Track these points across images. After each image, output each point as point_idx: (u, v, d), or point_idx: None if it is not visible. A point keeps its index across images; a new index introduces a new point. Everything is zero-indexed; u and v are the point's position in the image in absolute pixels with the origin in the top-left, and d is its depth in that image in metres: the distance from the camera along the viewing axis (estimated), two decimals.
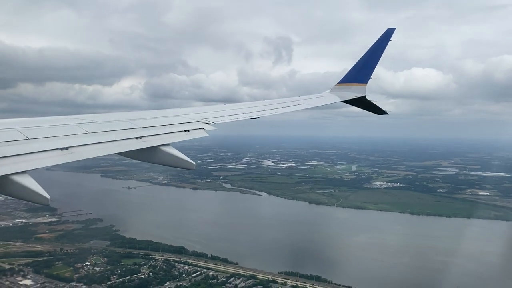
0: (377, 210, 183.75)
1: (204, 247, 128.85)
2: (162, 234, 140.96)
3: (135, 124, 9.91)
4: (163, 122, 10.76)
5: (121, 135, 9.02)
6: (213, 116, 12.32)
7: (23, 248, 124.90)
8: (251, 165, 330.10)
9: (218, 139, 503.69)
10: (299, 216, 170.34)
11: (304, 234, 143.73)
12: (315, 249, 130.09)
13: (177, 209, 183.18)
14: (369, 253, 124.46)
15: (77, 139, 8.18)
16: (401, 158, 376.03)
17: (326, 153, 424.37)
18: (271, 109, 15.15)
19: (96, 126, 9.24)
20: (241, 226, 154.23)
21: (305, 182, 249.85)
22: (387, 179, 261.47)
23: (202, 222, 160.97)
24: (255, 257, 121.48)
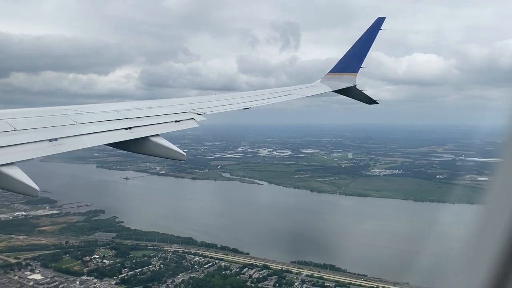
0: (380, 197, 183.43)
1: (212, 238, 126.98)
2: (167, 225, 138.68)
3: (124, 115, 9.77)
4: (153, 112, 10.70)
5: (111, 126, 8.93)
6: (204, 106, 12.33)
7: (27, 242, 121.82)
8: (248, 154, 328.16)
9: (211, 129, 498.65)
10: (304, 205, 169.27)
11: (311, 223, 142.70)
12: (325, 237, 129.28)
13: (179, 200, 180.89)
14: (380, 241, 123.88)
15: (66, 130, 8.05)
16: (395, 145, 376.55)
17: (321, 141, 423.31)
18: (262, 99, 15.12)
19: (85, 117, 9.12)
20: (247, 216, 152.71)
21: (303, 171, 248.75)
22: (385, 166, 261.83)
23: (206, 212, 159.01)
24: (264, 247, 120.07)
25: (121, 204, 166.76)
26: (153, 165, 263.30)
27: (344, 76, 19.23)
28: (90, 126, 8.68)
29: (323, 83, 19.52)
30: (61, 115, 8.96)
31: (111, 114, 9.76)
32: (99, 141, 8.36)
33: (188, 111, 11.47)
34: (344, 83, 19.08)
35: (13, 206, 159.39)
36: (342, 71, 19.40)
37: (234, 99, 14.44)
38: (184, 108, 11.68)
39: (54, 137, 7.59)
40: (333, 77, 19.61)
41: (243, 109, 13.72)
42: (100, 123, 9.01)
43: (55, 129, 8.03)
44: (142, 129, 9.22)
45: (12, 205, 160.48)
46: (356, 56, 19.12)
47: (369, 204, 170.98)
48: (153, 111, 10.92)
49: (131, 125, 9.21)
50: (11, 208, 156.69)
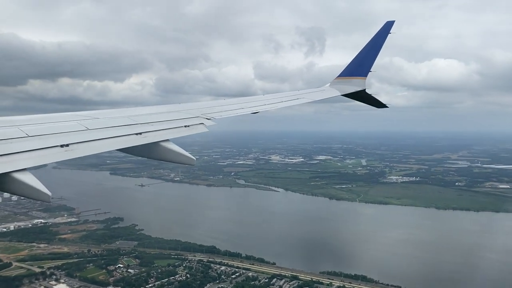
0: (401, 205, 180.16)
1: (235, 246, 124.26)
2: (188, 233, 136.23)
3: (135, 120, 9.83)
4: (163, 118, 10.72)
5: (121, 131, 8.99)
6: (213, 111, 12.25)
7: (48, 250, 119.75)
8: (260, 161, 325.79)
9: (220, 135, 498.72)
10: (325, 212, 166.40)
11: (336, 231, 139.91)
12: (351, 246, 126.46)
13: (196, 207, 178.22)
14: (408, 250, 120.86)
15: (77, 135, 8.12)
16: (408, 151, 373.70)
17: (332, 147, 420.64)
18: (271, 103, 15.06)
19: (96, 123, 9.22)
20: (268, 223, 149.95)
21: (319, 178, 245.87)
22: (401, 173, 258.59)
23: (226, 220, 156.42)
24: (291, 256, 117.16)
25: (139, 211, 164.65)
26: (167, 172, 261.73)
27: (353, 80, 19.12)
28: (101, 132, 8.69)
29: (332, 87, 19.39)
30: (72, 121, 9.04)
31: (121, 120, 9.81)
32: (110, 147, 8.25)
33: (198, 116, 11.43)
34: (353, 87, 18.95)
35: (31, 214, 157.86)
36: (351, 75, 19.29)
37: (243, 104, 14.39)
38: (193, 113, 11.66)
39: (66, 143, 7.59)
40: (342, 81, 19.48)
41: (252, 113, 13.64)
42: (111, 128, 9.04)
43: (67, 135, 8.05)
44: (152, 134, 9.22)
45: (30, 213, 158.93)
46: (365, 60, 18.99)
47: (392, 212, 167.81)
48: (163, 116, 10.97)
49: (141, 130, 9.23)
50: (29, 216, 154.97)
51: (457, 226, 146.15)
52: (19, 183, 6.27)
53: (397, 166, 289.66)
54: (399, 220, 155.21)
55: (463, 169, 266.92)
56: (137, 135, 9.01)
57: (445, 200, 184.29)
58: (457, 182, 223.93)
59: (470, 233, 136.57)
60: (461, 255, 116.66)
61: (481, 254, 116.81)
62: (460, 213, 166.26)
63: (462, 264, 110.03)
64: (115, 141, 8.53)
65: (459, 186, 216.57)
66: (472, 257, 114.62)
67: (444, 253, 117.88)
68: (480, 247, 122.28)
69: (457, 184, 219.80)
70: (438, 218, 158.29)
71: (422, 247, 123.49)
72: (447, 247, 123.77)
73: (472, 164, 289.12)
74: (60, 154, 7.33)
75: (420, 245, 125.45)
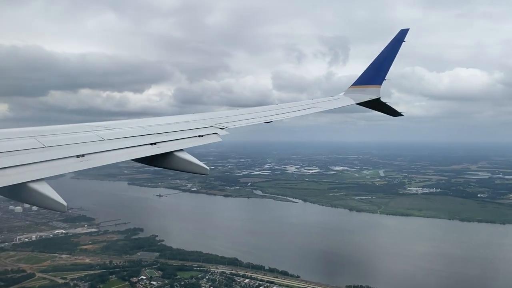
0: (423, 216, 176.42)
1: (257, 258, 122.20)
2: (208, 244, 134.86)
3: (149, 131, 9.97)
4: (178, 128, 10.80)
5: (136, 142, 9.07)
6: (227, 121, 12.24)
7: (70, 261, 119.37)
8: (275, 171, 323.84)
9: (234, 146, 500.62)
10: (346, 224, 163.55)
11: (359, 244, 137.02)
12: (377, 259, 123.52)
13: (215, 218, 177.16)
14: (436, 264, 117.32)
15: (92, 146, 8.22)
16: (425, 162, 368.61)
17: (348, 158, 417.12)
18: (284, 112, 14.99)
19: (111, 133, 9.32)
20: (289, 235, 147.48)
21: (337, 189, 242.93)
22: (421, 184, 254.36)
23: (246, 231, 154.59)
24: (315, 269, 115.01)
25: (158, 222, 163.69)
26: (184, 182, 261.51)
27: (368, 89, 19.00)
28: (116, 142, 8.73)
29: (347, 96, 19.22)
30: (88, 132, 9.14)
31: (136, 130, 9.89)
32: (125, 157, 8.33)
33: (211, 126, 11.43)
34: (367, 96, 18.80)
35: (52, 224, 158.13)
36: (366, 84, 19.15)
37: (257, 113, 14.34)
38: (207, 123, 11.66)
39: (81, 153, 7.67)
40: (356, 89, 19.37)
41: (266, 122, 13.60)
42: (126, 139, 9.10)
43: (82, 145, 8.13)
44: (167, 144, 9.28)
45: (51, 223, 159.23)
46: (380, 69, 18.88)
47: (415, 224, 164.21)
48: (177, 126, 11.02)
49: (156, 140, 9.29)
50: (50, 226, 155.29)
51: (485, 239, 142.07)
52: (36, 193, 6.35)
53: (416, 177, 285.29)
54: (423, 232, 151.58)
55: (484, 180, 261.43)
56: (152, 145, 9.09)
57: (469, 212, 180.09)
58: (479, 194, 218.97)
59: (499, 247, 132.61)
60: (493, 269, 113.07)
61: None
62: (485, 225, 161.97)
63: (494, 279, 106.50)
64: (130, 151, 8.63)
65: (482, 197, 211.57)
66: (505, 272, 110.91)
67: (474, 267, 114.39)
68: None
69: (480, 196, 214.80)
70: (463, 231, 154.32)
71: (450, 261, 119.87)
72: (477, 261, 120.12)
73: (493, 175, 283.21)
74: (76, 164, 7.43)
75: (447, 259, 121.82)
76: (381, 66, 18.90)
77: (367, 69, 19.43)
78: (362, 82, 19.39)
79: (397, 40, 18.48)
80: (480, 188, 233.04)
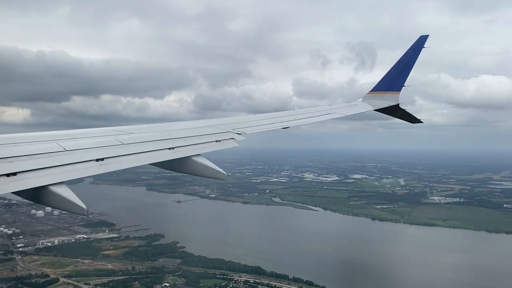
0: (448, 227, 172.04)
1: (280, 267, 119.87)
2: (229, 251, 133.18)
3: (167, 135, 10.11)
4: (195, 132, 10.90)
5: (154, 146, 9.14)
6: (244, 126, 12.28)
7: (93, 266, 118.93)
8: (293, 179, 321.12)
9: (250, 152, 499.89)
10: (369, 234, 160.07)
11: (385, 254, 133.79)
12: (404, 270, 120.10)
13: (235, 225, 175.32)
14: (467, 277, 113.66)
15: (112, 150, 8.34)
16: (446, 171, 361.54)
17: (366, 166, 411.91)
18: (301, 118, 15.00)
19: (130, 138, 9.38)
20: (312, 244, 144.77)
21: (357, 197, 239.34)
22: (443, 193, 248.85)
23: (267, 239, 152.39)
24: (341, 280, 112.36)
25: (179, 228, 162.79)
26: (202, 188, 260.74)
27: (386, 95, 18.74)
28: (135, 147, 8.82)
29: (365, 102, 18.94)
30: (107, 136, 9.24)
31: (155, 135, 9.97)
32: (143, 161, 8.44)
33: (229, 131, 11.46)
34: (386, 102, 18.54)
35: (73, 229, 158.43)
36: (384, 90, 18.88)
37: (274, 119, 14.36)
38: (224, 128, 11.69)
39: (101, 157, 7.78)
40: (374, 96, 19.11)
41: (283, 128, 13.59)
42: (144, 143, 9.20)
43: (102, 150, 8.24)
44: (184, 149, 9.37)
45: (72, 227, 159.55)
46: (398, 75, 18.60)
47: (441, 235, 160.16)
48: (195, 131, 11.10)
49: (173, 145, 9.39)
50: (72, 230, 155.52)
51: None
52: (56, 196, 6.42)
53: (437, 186, 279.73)
54: (450, 243, 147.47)
55: (509, 190, 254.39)
56: (170, 149, 9.17)
57: (495, 223, 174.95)
58: (505, 204, 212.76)
59: None
60: None
61: None
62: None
63: None
64: (148, 155, 8.67)
65: (508, 208, 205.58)
66: None
67: (507, 281, 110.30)
68: None
69: (506, 206, 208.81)
70: (492, 242, 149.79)
71: (480, 273, 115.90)
72: (510, 274, 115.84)
73: None
74: (95, 168, 7.52)
75: (477, 271, 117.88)
76: (401, 72, 18.60)
77: (386, 75, 19.14)
78: (381, 88, 19.11)
79: (416, 46, 18.18)
80: (505, 199, 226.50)
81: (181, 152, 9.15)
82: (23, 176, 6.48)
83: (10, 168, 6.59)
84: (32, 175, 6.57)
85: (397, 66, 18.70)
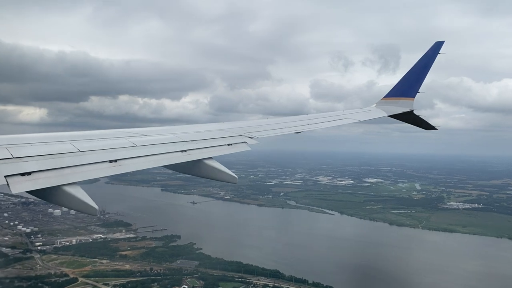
0: (468, 233, 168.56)
1: (299, 272, 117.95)
2: (247, 254, 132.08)
3: (180, 138, 10.16)
4: (208, 136, 10.94)
5: (167, 149, 9.18)
6: (256, 130, 12.35)
7: (111, 267, 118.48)
8: (307, 182, 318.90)
9: (262, 155, 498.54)
10: (389, 239, 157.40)
11: (406, 260, 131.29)
12: (425, 277, 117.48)
13: (252, 227, 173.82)
14: (489, 286, 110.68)
15: (125, 151, 8.42)
16: (462, 176, 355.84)
17: (380, 170, 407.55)
18: (314, 123, 14.99)
19: (143, 140, 9.51)
20: (331, 249, 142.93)
21: (373, 201, 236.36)
22: (461, 199, 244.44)
23: (284, 243, 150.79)
24: (361, 287, 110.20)
25: (195, 229, 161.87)
26: (216, 190, 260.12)
27: (401, 101, 18.64)
28: (148, 149, 8.87)
29: (379, 107, 18.93)
30: (121, 137, 9.36)
31: (167, 137, 10.05)
32: (156, 163, 8.51)
33: (241, 135, 11.48)
34: (400, 108, 18.45)
35: (90, 228, 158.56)
36: (399, 96, 18.78)
37: (286, 123, 14.36)
38: (237, 132, 11.70)
39: (114, 159, 7.83)
40: (389, 101, 19.03)
41: (295, 133, 13.56)
42: (157, 145, 9.25)
43: (115, 151, 8.30)
44: (196, 152, 9.39)
45: (89, 227, 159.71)
46: (413, 81, 18.46)
47: (462, 241, 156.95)
48: (207, 134, 11.11)
49: (186, 148, 9.42)
50: (89, 230, 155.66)
51: None
52: (69, 196, 6.48)
53: (454, 191, 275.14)
54: (472, 250, 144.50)
55: None
56: (182, 152, 9.18)
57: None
58: None
59: None
60: None
61: None
62: None
63: None
64: (160, 157, 8.73)
65: None
66: None
67: None
68: None
69: None
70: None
71: (505, 282, 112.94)
72: None
73: None
74: (109, 169, 7.57)
75: (501, 279, 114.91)
76: (415, 78, 18.43)
77: (400, 81, 19.04)
78: (395, 94, 18.99)
79: (432, 52, 18.04)
80: None
81: (194, 155, 9.20)
82: (37, 176, 6.59)
83: (25, 167, 6.70)
84: (46, 175, 6.69)
85: (412, 72, 18.51)
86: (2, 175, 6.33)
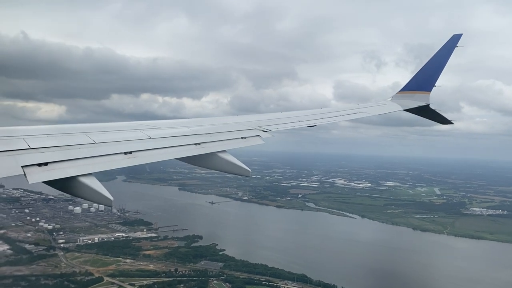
0: (496, 240, 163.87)
1: (327, 277, 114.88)
2: (271, 257, 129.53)
3: (194, 131, 10.19)
4: (221, 129, 10.92)
5: (181, 141, 9.22)
6: (270, 123, 12.22)
7: (135, 266, 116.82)
8: (324, 184, 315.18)
9: (277, 156, 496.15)
10: (415, 245, 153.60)
11: (435, 267, 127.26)
12: (459, 286, 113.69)
13: (274, 229, 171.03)
14: None
15: (139, 144, 8.43)
16: (482, 181, 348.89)
17: (397, 173, 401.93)
18: (329, 117, 14.69)
19: (157, 132, 9.58)
20: (356, 254, 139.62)
21: (394, 205, 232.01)
22: (484, 205, 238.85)
23: (308, 246, 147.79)
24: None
25: (216, 230, 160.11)
26: (233, 190, 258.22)
27: (417, 95, 18.15)
28: (162, 141, 8.94)
29: (394, 101, 18.37)
30: (135, 130, 9.38)
31: (182, 130, 10.12)
32: (170, 156, 8.52)
33: (254, 128, 11.40)
34: (416, 102, 17.98)
35: (111, 226, 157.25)
36: (414, 90, 18.33)
37: (300, 117, 14.16)
38: (250, 125, 11.61)
39: (129, 151, 7.83)
40: (404, 95, 18.57)
41: (309, 126, 13.44)
42: (171, 138, 9.33)
43: (130, 143, 8.35)
44: (210, 145, 9.39)
45: (110, 225, 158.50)
46: (430, 74, 18.02)
47: (491, 249, 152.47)
48: (221, 127, 11.15)
49: (200, 140, 9.44)
50: (110, 228, 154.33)
51: None
52: (85, 187, 6.50)
53: (476, 197, 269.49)
54: (503, 258, 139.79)
55: None
56: (196, 145, 9.13)
57: None
58: None
59: None
60: None
61: None
62: None
63: None
64: (174, 150, 8.73)
65: None
66: None
67: None
68: None
69: None
70: None
71: None
72: None
73: None
74: (124, 160, 7.57)
75: None
76: (432, 72, 17.98)
77: (416, 75, 18.61)
78: (411, 88, 18.52)
79: (449, 45, 17.60)
80: None
81: (207, 148, 9.17)
82: (54, 167, 6.56)
83: (42, 158, 6.67)
84: (62, 165, 6.67)
85: (428, 65, 18.06)
86: (19, 165, 6.28)
